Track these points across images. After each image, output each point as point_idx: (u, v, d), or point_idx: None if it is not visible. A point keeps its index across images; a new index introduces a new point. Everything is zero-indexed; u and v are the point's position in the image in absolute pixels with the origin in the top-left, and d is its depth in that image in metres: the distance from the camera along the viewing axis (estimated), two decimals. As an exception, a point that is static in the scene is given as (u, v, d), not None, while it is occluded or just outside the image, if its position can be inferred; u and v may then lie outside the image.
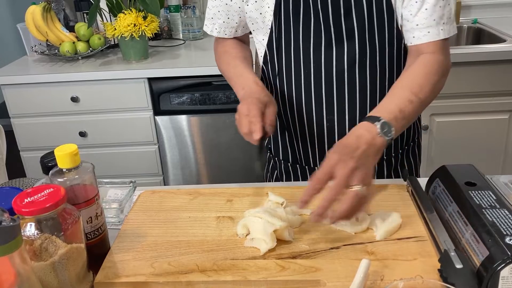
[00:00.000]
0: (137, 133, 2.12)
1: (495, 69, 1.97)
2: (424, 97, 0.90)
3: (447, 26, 0.94)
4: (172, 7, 2.43)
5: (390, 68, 1.00)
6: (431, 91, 0.91)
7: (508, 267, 0.61)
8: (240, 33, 1.13)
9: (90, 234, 0.76)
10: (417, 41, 0.94)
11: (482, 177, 0.81)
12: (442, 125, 2.10)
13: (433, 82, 0.92)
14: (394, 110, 0.85)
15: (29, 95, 2.05)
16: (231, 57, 1.09)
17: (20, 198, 0.64)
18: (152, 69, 2.01)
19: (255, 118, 0.86)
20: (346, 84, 1.00)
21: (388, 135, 0.81)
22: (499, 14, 2.50)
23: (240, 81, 1.01)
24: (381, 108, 0.87)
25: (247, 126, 0.87)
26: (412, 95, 0.88)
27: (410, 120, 0.89)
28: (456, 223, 0.74)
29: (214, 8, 1.09)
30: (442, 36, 0.94)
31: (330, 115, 1.03)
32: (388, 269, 0.70)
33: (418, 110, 0.90)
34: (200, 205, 0.90)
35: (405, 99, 0.88)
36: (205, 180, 2.23)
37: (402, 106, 0.86)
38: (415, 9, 0.93)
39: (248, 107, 0.88)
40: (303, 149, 1.10)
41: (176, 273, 0.72)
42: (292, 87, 1.04)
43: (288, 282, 0.69)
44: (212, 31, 1.12)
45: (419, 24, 0.93)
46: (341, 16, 0.95)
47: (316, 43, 0.98)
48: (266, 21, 1.01)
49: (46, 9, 2.18)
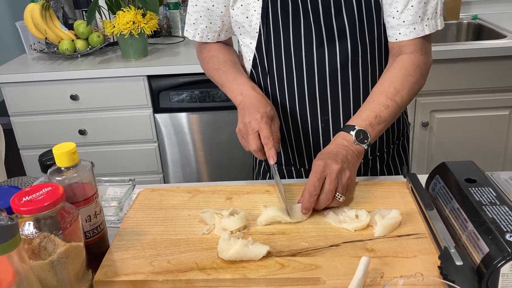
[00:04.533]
0: (136, 131, 2.12)
1: (495, 65, 1.97)
2: (400, 101, 0.93)
3: (432, 21, 0.95)
4: (171, 5, 2.43)
5: (381, 64, 1.01)
6: (408, 94, 0.94)
7: (508, 264, 0.61)
8: (223, 37, 1.11)
9: (89, 232, 0.75)
10: (403, 38, 0.95)
11: (482, 174, 0.81)
12: (442, 122, 2.09)
13: (410, 84, 0.94)
14: (370, 117, 0.90)
15: (28, 93, 2.05)
16: (220, 61, 1.07)
17: (18, 196, 0.64)
18: (152, 67, 2.01)
19: (268, 140, 0.88)
20: (339, 83, 1.00)
21: (364, 141, 0.88)
22: (499, 10, 2.50)
23: (235, 87, 1.00)
24: (357, 116, 0.92)
25: (257, 145, 0.88)
26: (388, 100, 0.92)
27: (388, 123, 0.94)
28: (456, 220, 0.74)
29: (195, 13, 1.07)
30: (427, 31, 0.95)
31: (325, 115, 1.03)
32: (388, 266, 0.70)
33: (396, 113, 0.94)
34: (200, 203, 0.90)
35: (381, 105, 0.92)
36: (205, 178, 2.23)
37: (378, 111, 0.91)
38: (401, 6, 0.93)
39: (259, 125, 0.88)
40: (298, 151, 1.09)
41: (176, 272, 0.72)
42: (285, 89, 1.03)
43: (288, 280, 0.69)
44: (195, 36, 1.09)
45: (406, 21, 0.94)
46: (331, 15, 0.95)
47: (307, 44, 0.98)
48: (253, 24, 1.00)
49: (45, 7, 2.18)
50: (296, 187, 0.91)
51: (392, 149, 1.13)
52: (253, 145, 0.88)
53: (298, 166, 1.11)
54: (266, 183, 0.97)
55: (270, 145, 0.87)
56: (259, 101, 0.93)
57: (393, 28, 0.96)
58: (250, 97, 0.95)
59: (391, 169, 1.13)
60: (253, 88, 0.97)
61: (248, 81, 1.00)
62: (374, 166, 1.11)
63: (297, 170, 1.12)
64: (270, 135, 0.88)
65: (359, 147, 0.88)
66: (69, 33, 2.21)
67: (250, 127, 0.89)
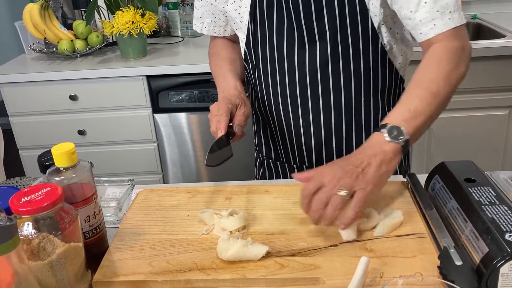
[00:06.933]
0: (136, 131, 2.12)
1: (495, 64, 1.97)
2: (436, 90, 0.86)
3: (456, 14, 0.88)
4: (170, 4, 2.42)
5: (366, 67, 0.99)
6: (446, 81, 0.87)
7: (508, 263, 0.61)
8: (230, 32, 1.14)
9: (88, 233, 0.75)
10: (425, 37, 0.90)
11: (482, 174, 0.81)
12: (441, 121, 2.09)
13: (446, 72, 0.87)
14: (403, 112, 0.84)
15: (27, 93, 2.05)
16: (219, 58, 1.12)
17: (17, 197, 0.64)
18: (151, 67, 2.01)
19: (221, 117, 0.91)
20: (319, 84, 1.00)
21: (398, 138, 0.80)
22: (499, 9, 2.49)
23: (221, 84, 1.05)
24: (391, 114, 0.86)
25: (215, 124, 0.91)
26: (422, 91, 0.86)
27: (429, 116, 0.86)
28: (456, 219, 0.74)
29: (201, 8, 1.11)
30: (452, 25, 0.88)
31: (305, 114, 1.04)
32: (387, 266, 0.70)
33: (435, 104, 0.86)
34: (199, 203, 0.90)
35: (415, 98, 0.85)
36: (205, 178, 2.23)
37: (412, 105, 0.84)
38: (413, 6, 0.89)
39: (218, 106, 0.93)
40: (283, 146, 1.11)
41: (175, 272, 0.71)
42: (269, 86, 1.05)
43: (287, 280, 0.69)
44: (202, 29, 1.15)
45: (423, 20, 0.89)
46: (312, 17, 0.95)
47: (289, 44, 0.99)
48: (244, 20, 1.03)
49: (44, 7, 2.17)
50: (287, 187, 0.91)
51: None
52: (212, 126, 0.92)
53: (285, 161, 1.13)
54: (266, 183, 0.97)
55: (221, 119, 0.90)
56: (232, 95, 0.98)
57: (414, 29, 0.91)
58: (228, 94, 0.99)
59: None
60: (235, 87, 1.01)
61: (234, 80, 1.03)
62: None
63: (283, 165, 1.14)
64: (223, 113, 0.91)
65: (394, 144, 0.80)
66: (68, 33, 2.21)
67: (212, 111, 0.94)
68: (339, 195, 0.74)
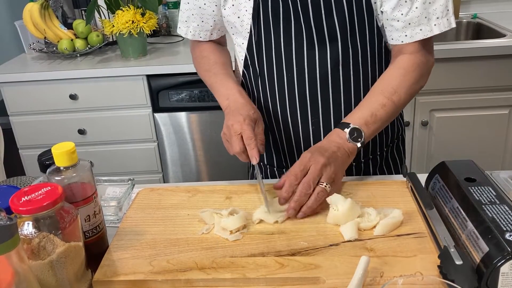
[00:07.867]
0: (136, 130, 2.12)
1: (495, 64, 1.97)
2: (398, 100, 0.93)
3: (444, 20, 0.92)
4: (171, 4, 2.43)
5: (372, 67, 0.99)
6: (406, 94, 0.94)
7: (508, 263, 0.61)
8: (216, 36, 1.10)
9: (88, 232, 0.75)
10: (409, 40, 0.93)
11: (482, 173, 0.81)
12: (441, 121, 2.10)
13: (409, 84, 0.93)
14: (365, 115, 0.90)
15: (27, 93, 2.05)
16: (211, 63, 1.07)
17: (17, 196, 0.64)
18: (151, 66, 2.01)
19: (250, 141, 0.88)
20: (330, 85, 0.99)
21: (358, 140, 0.88)
22: (499, 8, 2.49)
23: (222, 91, 1.00)
24: (353, 114, 0.92)
25: (240, 146, 0.88)
26: (385, 99, 0.92)
27: (385, 122, 0.93)
28: (456, 219, 0.74)
29: (187, 11, 1.07)
30: (437, 31, 0.92)
31: (315, 117, 1.02)
32: (387, 265, 0.70)
33: (393, 112, 0.93)
34: (199, 202, 0.90)
35: (378, 104, 0.91)
36: (205, 177, 2.23)
37: (374, 110, 0.91)
38: (405, 8, 0.91)
39: (241, 126, 0.89)
40: (289, 153, 1.09)
41: (175, 271, 0.71)
42: (275, 90, 1.02)
43: (288, 279, 0.69)
44: (187, 33, 1.09)
45: (412, 23, 0.92)
46: (322, 16, 0.94)
47: (298, 46, 0.97)
48: (245, 25, 0.99)
49: (44, 7, 2.17)
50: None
51: (385, 152, 1.11)
52: (236, 147, 0.89)
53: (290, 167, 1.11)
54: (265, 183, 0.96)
55: (252, 145, 0.87)
56: (244, 106, 0.94)
57: (399, 31, 0.93)
58: (235, 102, 0.96)
59: (384, 172, 1.12)
60: (239, 93, 0.98)
61: (235, 85, 1.00)
62: (367, 168, 1.10)
63: None
64: (253, 136, 0.88)
65: (352, 145, 0.88)
66: (68, 33, 2.21)
67: (233, 130, 0.90)
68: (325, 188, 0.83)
